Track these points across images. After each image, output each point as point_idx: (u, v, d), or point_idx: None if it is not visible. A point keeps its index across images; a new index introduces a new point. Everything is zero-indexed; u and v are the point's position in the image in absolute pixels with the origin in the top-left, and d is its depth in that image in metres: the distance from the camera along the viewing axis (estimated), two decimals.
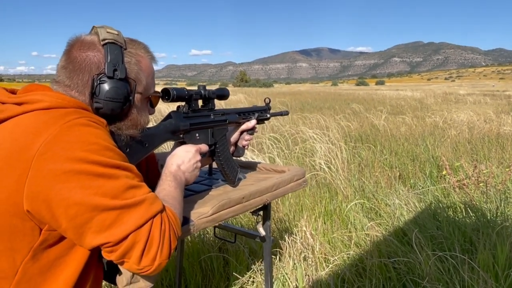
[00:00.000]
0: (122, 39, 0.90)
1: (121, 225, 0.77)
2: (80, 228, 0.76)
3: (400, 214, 2.81)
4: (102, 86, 0.86)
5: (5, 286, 0.77)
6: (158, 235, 0.81)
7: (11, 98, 0.83)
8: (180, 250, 1.88)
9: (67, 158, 0.73)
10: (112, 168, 0.78)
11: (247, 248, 2.08)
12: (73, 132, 0.76)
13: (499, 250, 1.96)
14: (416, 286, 1.79)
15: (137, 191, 0.81)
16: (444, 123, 7.74)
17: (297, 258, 1.92)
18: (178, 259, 1.87)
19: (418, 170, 4.18)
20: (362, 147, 4.99)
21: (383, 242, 2.25)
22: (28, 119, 0.79)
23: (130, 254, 0.79)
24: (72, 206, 0.73)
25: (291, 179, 1.44)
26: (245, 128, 1.37)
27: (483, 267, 1.81)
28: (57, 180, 0.72)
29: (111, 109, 0.88)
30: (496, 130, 6.74)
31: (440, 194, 3.37)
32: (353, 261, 2.05)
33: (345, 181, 3.47)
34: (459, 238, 2.30)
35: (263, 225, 1.46)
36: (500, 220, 2.62)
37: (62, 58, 0.89)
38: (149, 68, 0.97)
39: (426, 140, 5.73)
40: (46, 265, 0.80)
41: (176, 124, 1.08)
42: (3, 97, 0.84)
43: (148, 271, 0.82)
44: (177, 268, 1.86)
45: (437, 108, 12.05)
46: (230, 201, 1.16)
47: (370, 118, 7.43)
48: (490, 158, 4.56)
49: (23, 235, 0.76)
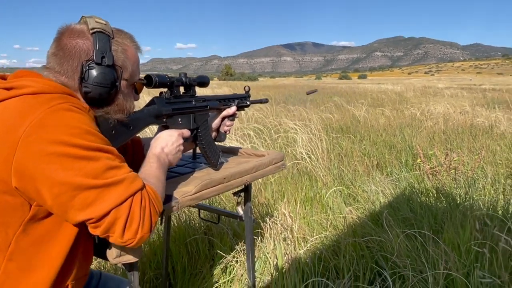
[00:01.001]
0: (110, 28, 0.96)
1: (102, 202, 0.82)
2: (64, 206, 0.81)
3: (376, 199, 2.93)
4: (91, 72, 0.92)
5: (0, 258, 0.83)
6: (138, 211, 0.87)
7: (0, 83, 0.88)
8: (167, 233, 1.95)
9: (51, 140, 0.78)
10: (93, 150, 0.83)
11: (230, 230, 2.16)
12: (57, 117, 0.81)
13: (462, 228, 2.09)
14: (387, 261, 1.91)
15: (117, 171, 0.86)
16: (422, 115, 7.93)
17: (277, 238, 2.01)
18: (165, 243, 1.94)
19: (394, 158, 4.32)
20: (342, 137, 5.12)
21: (358, 224, 2.36)
22: (15, 103, 0.84)
23: (114, 229, 0.84)
24: (56, 186, 0.78)
25: (270, 162, 1.52)
26: (226, 114, 1.44)
27: (448, 244, 1.93)
28: (41, 161, 0.77)
29: (98, 93, 0.94)
30: (470, 122, 6.95)
31: (414, 180, 3.51)
32: (330, 241, 2.15)
33: (325, 169, 3.58)
34: (430, 220, 2.43)
35: (244, 206, 1.54)
36: (468, 203, 2.76)
37: (53, 45, 0.94)
38: (134, 56, 1.03)
39: (404, 131, 5.89)
40: (38, 238, 0.85)
41: (159, 109, 1.15)
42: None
43: (132, 243, 0.88)
44: (164, 251, 1.93)
45: (416, 101, 12.29)
46: (212, 181, 1.24)
47: (351, 110, 7.57)
48: (462, 147, 4.74)
49: (13, 210, 0.81)
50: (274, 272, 1.87)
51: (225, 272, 1.98)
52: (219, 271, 1.97)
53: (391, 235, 1.98)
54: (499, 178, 3.42)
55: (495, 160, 4.15)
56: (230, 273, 1.96)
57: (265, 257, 1.97)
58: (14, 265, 0.83)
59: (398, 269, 1.83)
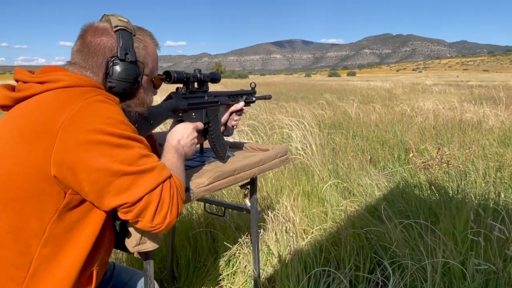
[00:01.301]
0: (132, 26, 1.00)
1: (136, 188, 0.88)
2: (101, 191, 0.86)
3: (371, 192, 3.00)
4: (115, 68, 0.96)
5: (34, 243, 0.86)
6: (168, 197, 0.92)
7: (32, 77, 0.92)
8: (172, 227, 1.99)
9: (89, 130, 0.83)
10: (127, 139, 0.88)
11: (233, 223, 2.21)
12: (93, 108, 0.86)
13: (457, 219, 2.17)
14: (386, 251, 1.97)
15: (148, 159, 0.92)
16: (412, 111, 8.05)
17: (280, 230, 2.06)
18: (170, 236, 1.98)
19: (387, 153, 4.40)
20: (335, 133, 5.19)
21: (356, 217, 2.42)
22: (51, 96, 0.88)
23: (144, 214, 0.90)
24: (94, 172, 0.84)
25: (276, 156, 1.57)
26: (234, 109, 1.48)
27: (444, 234, 2.00)
28: (80, 149, 0.82)
29: (122, 88, 0.98)
30: (459, 117, 7.08)
31: (407, 174, 3.59)
32: (330, 233, 2.21)
33: (320, 164, 3.64)
34: (424, 211, 2.51)
35: (250, 198, 1.59)
36: (461, 196, 2.84)
37: (77, 42, 0.98)
38: (154, 53, 1.07)
39: (395, 126, 5.98)
40: (69, 225, 0.89)
41: (176, 104, 1.19)
42: (25, 77, 0.93)
43: (160, 228, 0.93)
44: (169, 245, 1.97)
45: (405, 97, 12.44)
46: (223, 173, 1.28)
47: (342, 106, 7.65)
48: (453, 142, 4.84)
49: (50, 198, 0.85)
50: (276, 263, 1.92)
51: (229, 264, 2.02)
52: (222, 264, 2.01)
53: (389, 226, 2.05)
54: (489, 172, 3.51)
55: (485, 154, 4.25)
56: (233, 265, 2.01)
57: (267, 249, 2.02)
58: (48, 250, 0.86)
59: (397, 258, 1.90)
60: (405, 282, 1.79)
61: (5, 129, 0.90)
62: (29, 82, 0.92)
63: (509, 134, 5.42)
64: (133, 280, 1.30)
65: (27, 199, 0.84)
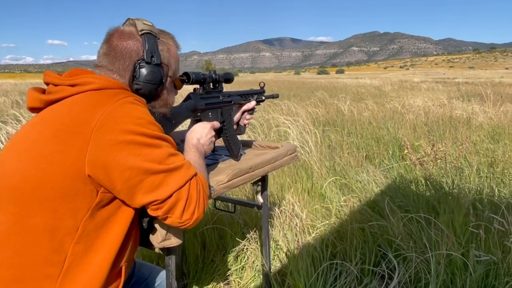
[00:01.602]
0: (156, 29, 1.03)
1: (166, 185, 0.91)
2: (132, 189, 0.89)
3: (370, 188, 3.06)
4: (142, 70, 0.99)
5: (68, 240, 0.88)
6: (195, 194, 0.96)
7: (63, 80, 0.94)
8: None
9: (121, 130, 0.86)
10: (156, 139, 0.91)
11: (242, 220, 2.24)
12: (124, 109, 0.89)
13: (456, 212, 2.23)
14: (390, 245, 2.03)
15: (176, 158, 0.95)
16: (403, 108, 8.16)
17: (288, 226, 2.10)
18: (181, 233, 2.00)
19: (382, 150, 4.47)
20: (331, 130, 5.25)
21: (358, 212, 2.48)
22: (84, 98, 0.91)
23: (174, 210, 0.93)
24: (126, 171, 0.87)
25: (286, 153, 1.61)
26: (246, 108, 1.52)
27: (445, 227, 2.06)
28: (113, 149, 0.85)
29: (148, 90, 1.01)
30: (449, 114, 7.20)
31: (403, 170, 3.66)
32: (334, 228, 2.26)
33: (318, 161, 3.69)
34: (423, 206, 2.57)
35: (261, 195, 1.63)
36: (456, 191, 2.92)
37: (103, 46, 1.00)
38: (176, 55, 1.10)
39: (387, 123, 6.06)
40: (100, 222, 0.92)
41: (195, 104, 1.22)
42: (55, 80, 0.95)
43: (188, 224, 0.96)
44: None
45: (394, 94, 12.59)
46: (241, 171, 1.32)
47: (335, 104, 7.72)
48: (445, 138, 4.93)
49: (83, 196, 0.88)
50: (284, 257, 1.96)
51: (237, 260, 2.06)
52: (231, 259, 2.04)
53: (392, 220, 2.10)
54: (482, 167, 3.60)
55: (477, 150, 4.35)
56: (241, 261, 2.04)
57: (275, 245, 2.06)
58: (81, 247, 0.89)
59: (401, 251, 1.95)
60: (410, 274, 1.84)
61: (36, 130, 0.92)
62: (60, 85, 0.94)
63: (498, 130, 5.54)
64: (152, 275, 1.33)
65: (61, 198, 0.86)
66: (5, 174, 0.89)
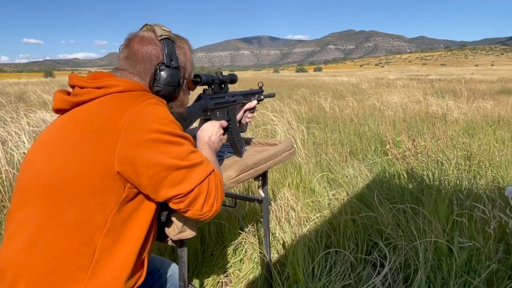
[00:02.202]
0: (173, 34, 1.08)
1: (189, 180, 0.97)
2: (158, 184, 0.94)
3: (356, 182, 3.17)
4: (162, 74, 1.04)
5: (97, 234, 0.93)
6: (214, 188, 1.02)
7: (88, 83, 0.99)
8: None
9: (147, 129, 0.91)
10: (178, 137, 0.97)
11: (240, 214, 2.30)
12: (149, 110, 0.94)
13: (439, 203, 2.36)
14: (380, 234, 2.13)
15: (196, 154, 1.01)
16: (381, 105, 8.38)
17: (284, 219, 2.18)
18: None
19: (365, 146, 4.61)
20: (315, 127, 5.36)
21: (347, 204, 2.58)
22: (111, 100, 0.96)
23: (195, 203, 0.99)
24: (152, 167, 0.92)
25: (285, 149, 1.68)
26: (248, 107, 1.58)
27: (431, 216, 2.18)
28: (140, 147, 0.91)
29: (168, 91, 1.07)
30: (425, 110, 7.44)
31: (386, 165, 3.80)
32: (327, 220, 2.35)
33: (306, 158, 3.79)
34: (408, 197, 2.69)
35: (262, 189, 1.70)
36: (437, 183, 3.06)
37: (124, 50, 1.05)
38: (191, 58, 1.16)
39: (368, 120, 6.23)
40: (126, 216, 0.97)
41: (205, 104, 1.28)
42: (81, 83, 0.99)
43: (207, 216, 1.02)
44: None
45: (372, 92, 12.87)
46: (247, 166, 1.38)
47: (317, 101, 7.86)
48: (424, 134, 5.12)
49: (112, 192, 0.93)
50: (281, 249, 2.04)
51: (235, 253, 2.12)
52: (230, 252, 2.11)
53: (382, 210, 2.21)
54: (459, 160, 3.78)
55: (453, 144, 4.55)
56: (240, 253, 2.11)
57: (272, 237, 2.13)
58: (109, 240, 0.94)
59: (391, 240, 2.06)
60: (400, 261, 1.95)
61: (66, 131, 0.96)
62: (86, 87, 0.98)
63: (472, 125, 5.78)
64: (163, 267, 1.39)
65: (91, 194, 0.91)
66: (37, 172, 0.93)
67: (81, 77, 1.02)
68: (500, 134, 5.04)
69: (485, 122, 5.89)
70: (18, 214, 0.94)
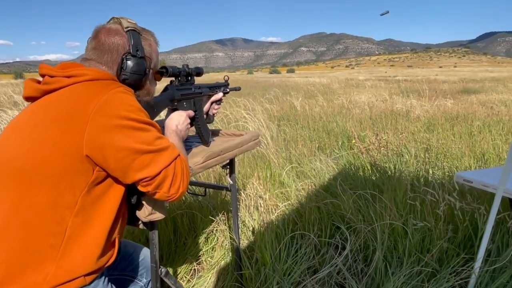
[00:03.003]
0: (139, 27, 1.14)
1: (156, 164, 1.02)
2: (126, 167, 0.99)
3: (323, 174, 3.29)
4: (128, 63, 1.10)
5: (68, 214, 0.97)
6: (180, 171, 1.08)
7: (58, 72, 1.03)
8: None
9: (115, 116, 0.96)
10: (145, 124, 1.02)
11: (211, 204, 2.36)
12: (117, 97, 1.00)
13: (398, 190, 2.50)
14: (342, 220, 2.25)
15: (162, 140, 1.06)
16: (350, 103, 8.61)
17: (253, 207, 2.26)
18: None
19: (333, 141, 4.76)
20: (286, 124, 5.48)
21: (313, 194, 2.69)
22: (80, 88, 1.01)
23: (162, 186, 1.04)
24: (120, 151, 0.97)
25: (251, 139, 1.76)
26: (214, 99, 1.65)
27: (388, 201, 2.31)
28: (108, 132, 0.95)
29: (134, 80, 1.12)
30: (390, 108, 7.72)
31: (351, 158, 3.95)
32: (294, 208, 2.45)
33: (275, 153, 3.88)
34: (369, 186, 2.83)
35: (230, 177, 1.77)
36: (398, 174, 3.22)
37: (92, 41, 1.10)
38: (156, 50, 1.22)
39: (336, 117, 6.41)
40: (95, 198, 1.02)
41: (172, 94, 1.34)
42: (51, 72, 1.04)
43: (174, 197, 1.08)
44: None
45: (341, 92, 13.17)
46: (213, 153, 1.45)
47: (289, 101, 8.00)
48: (387, 129, 5.32)
49: (81, 174, 0.97)
50: (251, 235, 2.12)
51: (207, 241, 2.19)
52: (202, 241, 2.17)
53: (344, 197, 2.32)
54: (419, 153, 3.97)
55: (414, 139, 4.76)
56: (211, 241, 2.17)
57: (242, 224, 2.20)
58: (79, 220, 0.99)
59: (352, 223, 2.18)
60: (360, 243, 2.07)
61: (37, 116, 1.00)
62: (56, 76, 1.02)
63: (433, 121, 6.06)
64: (136, 252, 1.44)
65: (61, 176, 0.95)
66: (8, 156, 0.97)
67: (51, 66, 1.06)
68: (457, 129, 5.31)
69: (444, 119, 6.18)
70: None
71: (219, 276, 2.06)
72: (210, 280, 2.05)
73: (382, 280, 1.86)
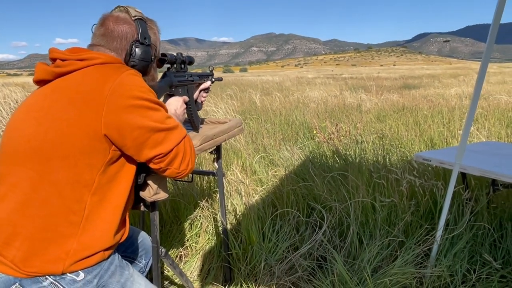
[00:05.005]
0: (144, 16, 1.15)
1: (168, 141, 1.05)
2: (141, 145, 1.01)
3: (292, 162, 3.40)
4: (137, 50, 1.11)
5: (86, 192, 0.98)
6: (189, 149, 1.11)
7: (70, 55, 1.02)
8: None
9: (130, 96, 0.98)
10: (156, 104, 1.05)
11: (195, 192, 2.38)
12: (129, 79, 1.01)
13: (363, 172, 2.66)
14: (317, 200, 2.36)
15: (171, 119, 1.09)
16: (305, 99, 8.86)
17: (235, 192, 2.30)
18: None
19: (294, 133, 4.90)
20: (250, 118, 5.55)
21: (286, 179, 2.78)
22: (93, 70, 1.01)
23: (173, 162, 1.07)
24: (135, 129, 0.99)
25: (236, 126, 1.81)
26: (203, 87, 1.67)
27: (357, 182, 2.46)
28: (124, 112, 0.97)
29: (142, 66, 1.13)
30: (343, 102, 8.04)
31: (315, 147, 4.10)
32: (271, 192, 2.52)
33: (245, 145, 3.95)
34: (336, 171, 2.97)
35: (217, 162, 1.81)
36: (358, 160, 3.41)
37: (100, 28, 1.10)
38: (159, 38, 1.23)
39: (295, 111, 6.59)
40: (110, 177, 1.02)
41: (171, 80, 1.36)
42: (63, 55, 1.02)
43: (184, 173, 1.11)
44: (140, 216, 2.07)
45: (294, 89, 13.47)
46: (207, 137, 1.49)
47: (248, 97, 8.08)
48: (343, 121, 5.56)
49: (98, 153, 0.98)
50: (233, 219, 2.17)
51: (192, 227, 2.20)
52: (187, 227, 2.18)
53: (317, 180, 2.44)
54: (375, 141, 4.21)
55: (368, 128, 5.02)
56: (196, 227, 2.19)
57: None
58: (97, 198, 0.99)
59: (327, 203, 2.29)
60: (335, 220, 2.19)
61: (51, 99, 0.99)
62: (68, 59, 1.02)
63: (382, 113, 6.41)
64: (134, 234, 1.45)
65: (80, 155, 0.95)
66: (26, 137, 0.95)
67: (61, 50, 1.05)
68: (404, 119, 5.66)
69: (392, 110, 6.55)
70: (8, 178, 0.96)
71: (205, 259, 2.09)
72: (196, 264, 2.08)
73: (358, 252, 1.99)
